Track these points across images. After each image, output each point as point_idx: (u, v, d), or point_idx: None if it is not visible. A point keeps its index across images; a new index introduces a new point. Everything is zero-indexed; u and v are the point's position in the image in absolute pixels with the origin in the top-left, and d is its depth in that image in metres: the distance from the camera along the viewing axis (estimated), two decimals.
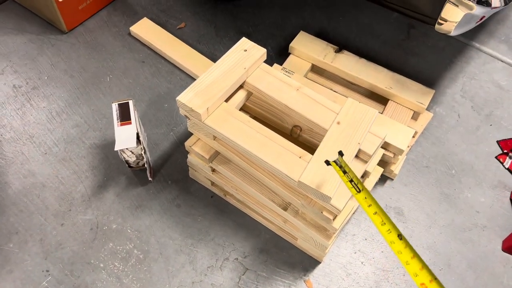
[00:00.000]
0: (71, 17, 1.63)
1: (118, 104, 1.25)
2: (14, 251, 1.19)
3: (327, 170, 0.94)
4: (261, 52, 1.12)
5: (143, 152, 1.22)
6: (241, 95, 1.11)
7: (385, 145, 1.22)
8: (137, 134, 1.19)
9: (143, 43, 1.65)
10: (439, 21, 1.17)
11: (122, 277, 1.16)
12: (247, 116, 1.06)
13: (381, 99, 1.44)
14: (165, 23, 1.72)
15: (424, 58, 1.68)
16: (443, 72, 1.65)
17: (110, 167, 1.34)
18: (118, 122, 1.21)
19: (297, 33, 1.53)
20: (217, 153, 1.16)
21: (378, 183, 1.35)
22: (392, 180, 1.37)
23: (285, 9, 1.80)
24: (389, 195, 1.34)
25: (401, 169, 1.38)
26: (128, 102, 1.25)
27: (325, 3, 1.83)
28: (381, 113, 1.36)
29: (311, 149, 1.05)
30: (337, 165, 0.83)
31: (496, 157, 1.44)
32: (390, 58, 1.67)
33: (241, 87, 1.12)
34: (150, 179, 1.31)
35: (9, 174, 1.31)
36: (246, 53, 1.11)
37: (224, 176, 1.20)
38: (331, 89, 1.45)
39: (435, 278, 0.65)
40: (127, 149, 1.21)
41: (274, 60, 1.62)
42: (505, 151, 1.45)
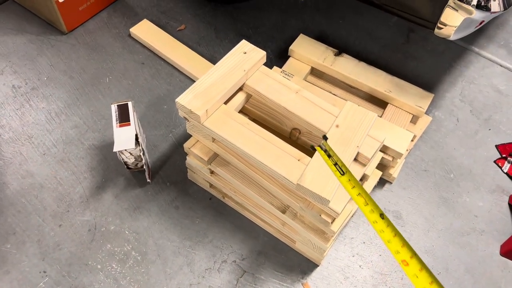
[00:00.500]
0: (71, 18, 1.64)
1: (117, 105, 1.24)
2: (11, 251, 1.18)
3: (326, 173, 0.94)
4: (260, 54, 1.12)
5: (142, 153, 1.22)
6: (241, 98, 1.11)
7: (384, 149, 1.22)
8: (136, 135, 1.19)
9: (143, 45, 1.65)
10: (439, 26, 1.17)
11: (119, 278, 1.16)
12: (246, 118, 1.06)
13: (380, 103, 1.44)
14: (165, 25, 1.72)
15: (423, 62, 1.68)
16: (442, 76, 1.65)
17: (108, 168, 1.34)
18: (117, 123, 1.21)
19: (297, 35, 1.53)
20: (216, 155, 1.16)
21: (376, 187, 1.35)
22: (390, 183, 1.37)
23: (285, 11, 1.80)
24: (387, 198, 1.34)
25: (400, 172, 1.38)
26: (127, 103, 1.25)
27: (325, 6, 1.83)
28: (380, 117, 1.37)
29: (310, 152, 1.05)
30: (322, 149, 0.84)
31: (494, 162, 1.44)
32: (389, 61, 1.67)
33: (240, 90, 1.12)
34: (148, 180, 1.31)
35: (7, 174, 1.31)
36: (246, 56, 1.11)
37: (222, 178, 1.20)
38: (331, 92, 1.45)
39: (415, 254, 0.68)
40: (125, 150, 1.21)
41: (273, 62, 1.62)
42: (504, 155, 1.45)
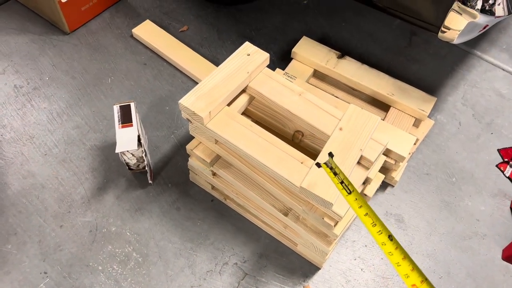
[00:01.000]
0: (73, 18, 1.63)
1: (119, 106, 1.24)
2: (12, 252, 1.18)
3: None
4: (264, 56, 1.12)
5: (144, 154, 1.22)
6: (244, 99, 1.11)
7: (387, 152, 1.22)
8: (138, 136, 1.19)
9: (145, 46, 1.65)
10: (442, 29, 1.17)
11: (120, 280, 1.15)
12: (249, 120, 1.06)
13: (382, 106, 1.44)
14: (167, 25, 1.72)
15: (425, 65, 1.68)
16: (445, 79, 1.65)
17: (110, 169, 1.34)
18: (119, 124, 1.21)
19: (300, 38, 1.53)
20: (218, 157, 1.15)
21: (378, 190, 1.35)
22: (392, 187, 1.37)
23: (287, 13, 1.80)
24: (389, 202, 1.34)
25: (402, 176, 1.38)
26: (129, 104, 1.25)
27: (327, 8, 1.83)
28: (383, 120, 1.36)
29: (313, 154, 1.05)
30: (328, 166, 0.82)
31: (496, 166, 1.44)
32: (392, 64, 1.67)
33: (243, 91, 1.12)
34: (150, 181, 1.31)
35: (8, 174, 1.31)
36: (249, 58, 1.11)
37: (225, 180, 1.20)
38: (333, 94, 1.45)
39: (426, 279, 0.65)
40: (128, 151, 1.20)
41: (276, 64, 1.62)
42: (506, 159, 1.45)
